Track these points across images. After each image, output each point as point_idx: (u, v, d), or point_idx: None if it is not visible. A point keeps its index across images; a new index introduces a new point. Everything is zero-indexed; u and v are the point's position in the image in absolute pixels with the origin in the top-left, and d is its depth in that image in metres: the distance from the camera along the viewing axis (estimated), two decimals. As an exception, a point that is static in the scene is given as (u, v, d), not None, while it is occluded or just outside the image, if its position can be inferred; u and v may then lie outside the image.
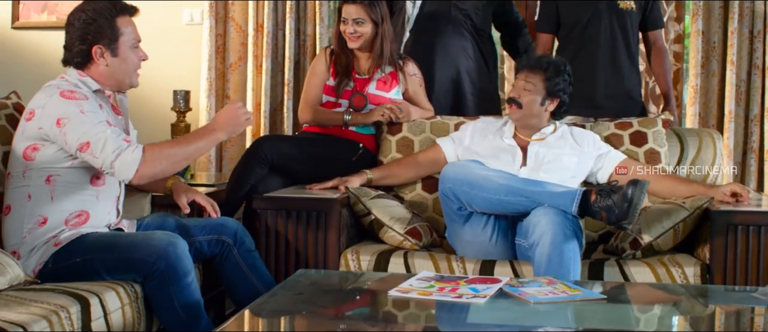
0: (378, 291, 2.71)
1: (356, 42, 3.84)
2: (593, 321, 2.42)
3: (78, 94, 2.84)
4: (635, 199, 2.97)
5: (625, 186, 3.00)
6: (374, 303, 2.63)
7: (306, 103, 3.93)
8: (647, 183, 3.02)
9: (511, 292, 2.54)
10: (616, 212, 2.99)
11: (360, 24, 3.81)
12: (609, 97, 4.13)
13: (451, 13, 4.26)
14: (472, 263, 3.22)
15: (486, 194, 3.16)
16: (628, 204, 2.97)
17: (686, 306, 2.65)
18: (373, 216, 3.43)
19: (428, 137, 3.82)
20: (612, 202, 2.99)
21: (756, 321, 2.46)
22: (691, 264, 3.15)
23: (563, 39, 4.28)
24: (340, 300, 2.66)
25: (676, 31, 4.96)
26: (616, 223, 3.03)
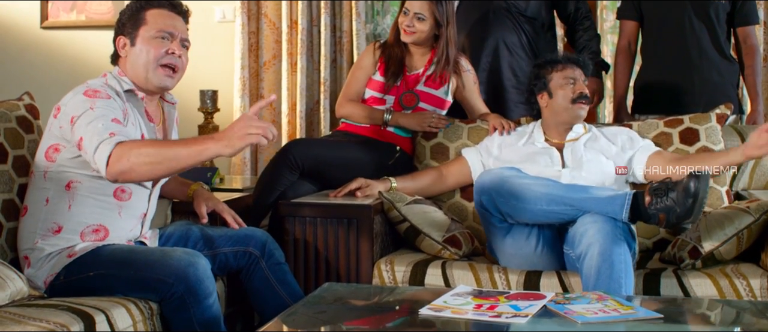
0: (409, 308, 2.46)
1: (410, 36, 3.65)
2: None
3: (101, 93, 2.66)
4: (701, 193, 2.72)
5: (684, 180, 2.75)
6: (403, 323, 2.38)
7: (346, 96, 3.76)
8: (709, 174, 2.78)
9: (557, 310, 2.29)
10: (677, 211, 2.74)
11: (421, 20, 3.63)
12: (699, 94, 3.87)
13: (495, 1, 4.03)
14: (516, 274, 2.98)
15: (526, 204, 2.92)
16: (693, 200, 2.72)
17: (754, 325, 2.37)
18: (409, 222, 3.21)
19: (465, 144, 3.61)
20: (671, 201, 2.74)
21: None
22: (758, 276, 2.87)
23: (646, 28, 4.03)
24: (366, 318, 2.42)
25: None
26: (676, 224, 2.77)
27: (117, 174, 2.51)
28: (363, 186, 3.31)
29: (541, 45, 4.07)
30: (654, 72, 3.95)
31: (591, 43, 4.06)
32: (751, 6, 3.93)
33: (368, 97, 3.71)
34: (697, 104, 3.73)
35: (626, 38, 4.05)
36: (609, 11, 4.79)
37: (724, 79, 3.90)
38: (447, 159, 3.59)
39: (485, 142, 3.50)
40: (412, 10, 3.63)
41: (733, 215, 3.01)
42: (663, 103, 3.83)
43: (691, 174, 2.75)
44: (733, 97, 3.88)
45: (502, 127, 3.50)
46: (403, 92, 3.67)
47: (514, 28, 4.04)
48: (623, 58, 4.06)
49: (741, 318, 2.44)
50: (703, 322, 2.43)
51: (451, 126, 3.64)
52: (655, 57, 3.95)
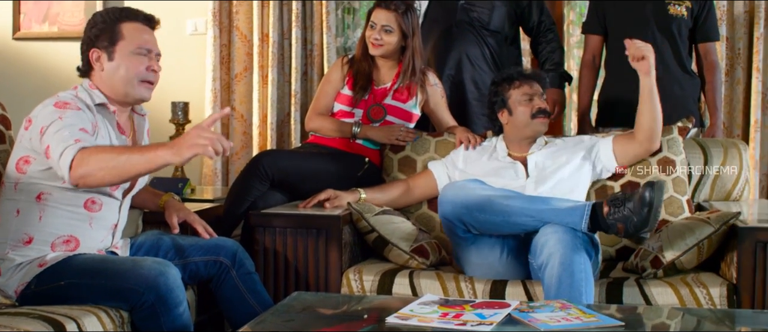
0: (376, 316, 2.50)
1: (378, 49, 3.69)
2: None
3: (71, 105, 2.68)
4: (655, 201, 2.78)
5: (639, 189, 2.82)
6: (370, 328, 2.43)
7: (315, 110, 3.79)
8: (664, 183, 2.86)
9: (521, 318, 2.34)
10: (634, 220, 2.80)
11: (388, 32, 3.67)
12: (661, 108, 3.90)
13: (458, 15, 4.09)
14: (482, 283, 3.03)
15: (490, 216, 2.98)
16: (648, 208, 2.78)
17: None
18: (377, 233, 3.26)
19: (432, 157, 3.65)
20: (628, 211, 2.80)
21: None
22: (717, 285, 2.94)
23: (610, 43, 4.10)
24: (333, 325, 2.46)
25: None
26: (635, 234, 2.83)
27: (78, 178, 2.53)
28: (332, 197, 3.34)
29: (505, 58, 4.13)
30: (617, 85, 4.01)
31: (553, 55, 4.13)
32: (712, 23, 4.01)
33: (337, 111, 3.75)
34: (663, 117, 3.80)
35: (591, 52, 4.12)
36: (575, 26, 4.87)
37: (686, 93, 3.97)
38: (414, 171, 3.62)
39: (451, 156, 3.55)
40: (379, 22, 3.67)
41: (694, 226, 3.08)
42: (626, 116, 3.86)
43: (646, 183, 2.82)
44: (694, 111, 3.96)
45: (468, 140, 3.55)
46: (371, 105, 3.72)
47: (477, 41, 4.10)
48: (587, 71, 4.13)
49: (701, 326, 2.49)
50: (663, 330, 2.49)
51: (419, 139, 3.69)
52: (618, 71, 4.00)
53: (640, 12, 3.93)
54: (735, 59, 4.66)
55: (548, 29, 4.17)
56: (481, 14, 4.09)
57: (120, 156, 2.54)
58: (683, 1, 3.93)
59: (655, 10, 3.92)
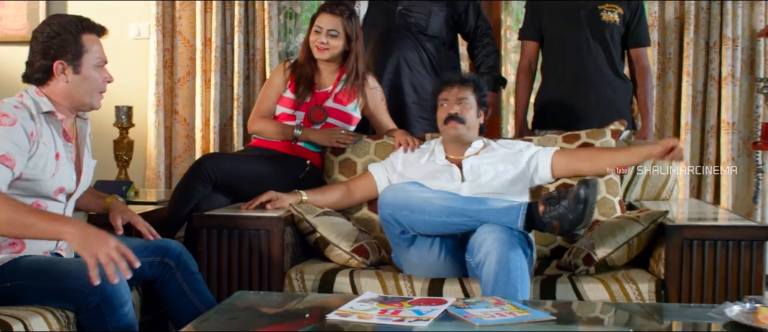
0: (317, 314, 2.57)
1: (324, 53, 3.74)
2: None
3: (9, 118, 2.66)
4: (590, 199, 2.88)
5: (574, 187, 2.91)
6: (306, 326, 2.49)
7: (257, 113, 3.83)
8: (598, 181, 2.96)
9: (457, 314, 2.43)
10: (570, 218, 2.89)
11: (333, 37, 3.72)
12: (595, 111, 4.04)
13: (396, 20, 4.16)
14: (421, 282, 3.11)
15: (427, 217, 3.06)
16: (583, 205, 2.87)
17: (640, 325, 2.54)
18: (319, 233, 3.32)
19: (372, 159, 3.72)
20: (564, 209, 2.90)
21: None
22: (646, 280, 3.06)
23: (545, 48, 4.21)
24: (275, 323, 2.53)
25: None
26: (570, 231, 2.93)
27: None
28: (273, 199, 3.39)
29: (443, 62, 4.20)
30: (553, 89, 4.14)
31: (488, 59, 4.21)
32: (643, 29, 4.15)
33: (279, 114, 3.79)
34: (594, 120, 3.91)
35: (527, 58, 4.23)
36: (512, 31, 4.99)
37: (619, 96, 4.09)
38: (355, 173, 3.69)
39: (390, 158, 3.62)
40: (325, 27, 3.73)
41: (624, 224, 3.19)
42: (562, 119, 4.01)
43: (580, 181, 2.92)
44: (626, 114, 4.08)
45: (407, 143, 3.63)
46: (313, 108, 3.77)
47: (415, 46, 4.16)
48: (524, 76, 4.24)
49: (630, 319, 2.61)
50: (593, 324, 2.60)
51: (359, 142, 3.75)
52: (554, 75, 4.14)
53: (574, 19, 4.04)
54: (666, 63, 4.81)
55: (484, 34, 4.25)
56: (418, 19, 4.16)
57: (26, 218, 2.54)
58: (615, 8, 4.05)
59: (589, 16, 4.04)
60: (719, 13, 4.73)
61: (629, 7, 4.08)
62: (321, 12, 3.78)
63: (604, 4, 4.04)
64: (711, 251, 3.01)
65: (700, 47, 4.78)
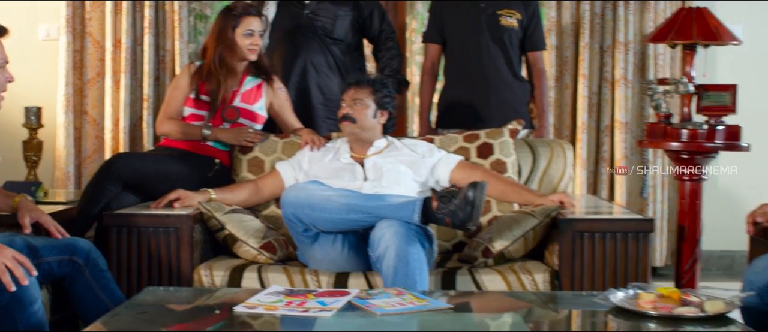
0: (224, 307, 2.67)
1: (256, 54, 3.83)
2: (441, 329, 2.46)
3: None
4: (477, 200, 3.03)
5: (464, 188, 3.06)
6: (217, 319, 2.58)
7: (165, 115, 3.88)
8: (486, 184, 3.10)
9: (360, 305, 2.55)
10: (459, 215, 3.04)
11: (261, 36, 3.85)
12: (494, 111, 4.19)
13: (303, 23, 4.26)
14: (326, 276, 3.22)
15: (328, 214, 3.17)
16: (471, 206, 3.03)
17: (533, 312, 2.70)
18: (227, 230, 3.40)
19: (280, 157, 3.80)
20: (455, 207, 3.05)
21: (597, 325, 2.53)
22: (541, 271, 3.23)
23: (448, 51, 4.34)
24: (184, 317, 2.61)
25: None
26: (461, 226, 3.08)
27: None
28: (182, 197, 3.44)
29: (348, 64, 4.31)
30: (455, 90, 4.29)
31: (392, 61, 4.33)
32: (539, 34, 4.33)
33: (187, 115, 3.84)
34: (493, 120, 4.06)
35: (430, 60, 4.38)
36: (417, 34, 5.13)
37: (517, 97, 4.27)
38: (263, 172, 3.77)
39: (297, 156, 3.71)
40: (256, 29, 3.81)
41: (520, 218, 3.36)
42: (463, 119, 4.16)
43: (470, 184, 3.07)
44: (524, 114, 4.26)
45: (313, 142, 3.74)
46: (226, 107, 3.82)
47: (321, 48, 4.25)
48: (427, 77, 4.39)
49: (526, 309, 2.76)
50: (488, 311, 2.76)
51: (267, 140, 3.84)
52: (456, 77, 4.29)
53: (475, 23, 4.20)
54: (563, 66, 5.03)
55: (389, 38, 4.37)
56: (325, 23, 4.26)
57: None
58: (514, 14, 4.22)
59: (489, 21, 4.20)
60: (612, 19, 4.98)
61: (527, 12, 4.26)
62: (246, 16, 3.82)
63: (503, 9, 4.21)
64: (600, 243, 3.18)
65: (594, 51, 5.01)
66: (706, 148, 3.69)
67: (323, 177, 3.46)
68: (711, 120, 3.69)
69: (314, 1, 4.28)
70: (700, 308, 2.37)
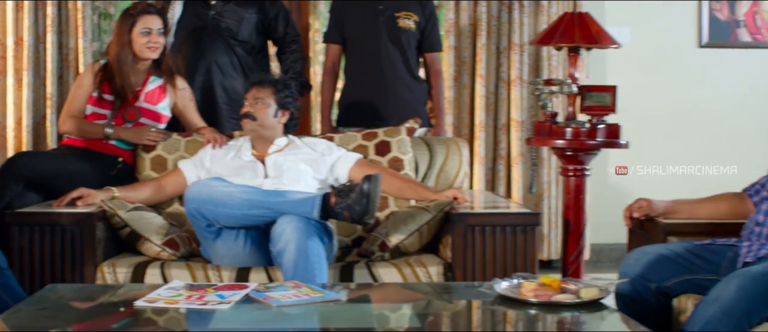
0: (125, 302, 2.74)
1: (156, 52, 3.87)
2: (333, 321, 2.59)
3: None
4: (372, 193, 3.16)
5: (360, 182, 3.19)
6: (119, 314, 2.66)
7: (68, 113, 3.91)
8: (381, 176, 3.23)
9: (257, 297, 2.65)
10: (356, 209, 3.17)
11: (161, 34, 3.87)
12: (393, 110, 4.31)
13: (209, 24, 4.32)
14: (228, 271, 3.31)
15: (230, 210, 3.26)
16: (367, 199, 3.16)
17: (421, 302, 2.84)
18: (130, 228, 3.46)
19: (182, 156, 3.86)
20: (352, 201, 3.17)
21: (481, 312, 2.68)
22: (435, 264, 3.37)
23: (347, 51, 4.45)
24: (85, 314, 2.66)
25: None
26: (359, 220, 3.20)
27: None
28: (84, 196, 3.47)
29: (253, 65, 4.38)
30: (355, 90, 4.42)
31: (296, 64, 4.43)
32: (436, 36, 4.47)
33: (90, 113, 3.88)
34: (392, 119, 4.19)
35: (331, 60, 4.49)
36: (320, 34, 5.23)
37: (415, 97, 4.41)
38: (166, 170, 3.82)
39: (200, 154, 3.78)
40: (155, 27, 3.86)
41: (415, 213, 3.50)
42: (363, 118, 4.28)
43: (365, 177, 3.20)
44: (421, 113, 4.41)
45: (215, 140, 3.81)
46: (127, 107, 3.87)
47: (226, 49, 4.33)
48: (328, 77, 4.50)
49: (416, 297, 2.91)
50: (383, 300, 2.88)
51: (169, 139, 3.90)
52: (355, 77, 4.41)
53: (373, 24, 4.33)
54: (461, 66, 5.20)
55: (293, 41, 4.47)
56: (230, 24, 4.33)
57: None
58: (411, 16, 4.36)
59: (387, 23, 4.33)
60: (508, 21, 5.17)
61: (424, 15, 4.40)
62: (144, 15, 3.87)
63: (401, 12, 4.35)
64: (491, 236, 3.34)
65: (491, 52, 5.20)
66: (588, 146, 3.89)
67: (225, 175, 3.54)
68: (593, 119, 3.89)
69: (220, 3, 4.34)
70: (576, 295, 2.54)
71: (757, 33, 5.61)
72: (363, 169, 3.67)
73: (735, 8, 5.56)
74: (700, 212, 3.21)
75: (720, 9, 5.56)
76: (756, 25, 5.60)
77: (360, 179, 3.30)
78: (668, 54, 5.58)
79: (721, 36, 5.60)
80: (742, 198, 3.13)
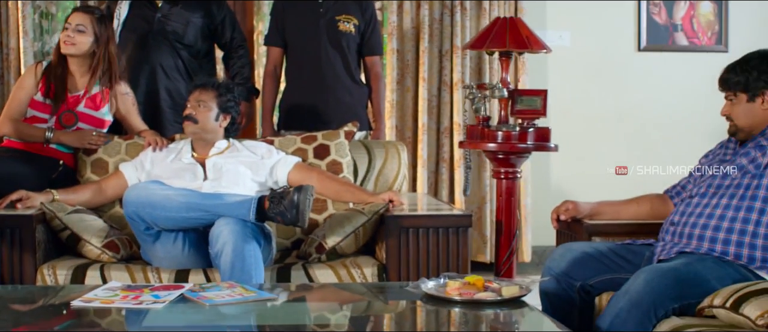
0: (62, 302, 2.79)
1: (70, 48, 3.87)
2: (265, 319, 2.68)
3: None
4: (302, 204, 3.24)
5: (291, 191, 3.26)
6: (54, 314, 2.71)
7: (7, 116, 3.92)
8: (312, 188, 3.31)
9: (192, 297, 2.71)
10: (288, 216, 3.24)
11: (80, 32, 3.87)
12: (334, 113, 4.37)
13: (155, 27, 4.37)
14: (168, 273, 3.36)
15: (168, 213, 3.32)
16: (296, 209, 3.23)
17: (351, 301, 2.94)
18: (70, 230, 3.49)
19: (123, 158, 3.90)
20: (284, 208, 3.24)
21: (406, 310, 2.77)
22: (370, 265, 3.45)
23: (288, 54, 4.50)
24: (20, 314, 2.71)
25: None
26: (291, 225, 3.29)
27: None
28: (24, 198, 3.50)
29: (197, 69, 4.43)
30: (296, 93, 4.47)
31: (243, 70, 4.51)
32: (376, 39, 4.54)
33: (30, 116, 3.89)
34: (333, 122, 4.27)
35: (272, 63, 4.54)
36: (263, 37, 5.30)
37: (355, 100, 4.48)
38: (107, 172, 3.87)
39: (140, 157, 3.83)
40: (73, 22, 3.88)
41: (351, 216, 3.57)
42: (304, 121, 4.34)
43: (296, 188, 3.28)
44: (362, 116, 4.48)
45: (156, 143, 3.86)
46: (63, 112, 3.90)
47: (171, 53, 4.38)
48: (270, 80, 4.55)
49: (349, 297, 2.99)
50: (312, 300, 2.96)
51: (110, 142, 3.94)
52: (296, 80, 4.47)
53: (314, 28, 4.39)
54: (405, 69, 5.29)
55: (239, 46, 4.53)
56: (176, 28, 4.38)
57: None
58: (351, 20, 4.43)
59: (327, 26, 4.40)
60: (450, 24, 5.26)
61: (364, 18, 4.47)
62: (73, 11, 3.96)
63: (341, 15, 4.42)
64: (424, 237, 3.42)
65: (434, 55, 5.29)
66: (518, 149, 3.99)
67: (165, 177, 3.59)
68: (524, 123, 3.99)
69: (166, 5, 4.39)
70: (498, 293, 2.63)
71: (694, 37, 5.76)
72: (302, 173, 3.74)
73: (672, 12, 5.70)
74: (623, 213, 3.32)
75: (658, 12, 5.70)
76: (693, 29, 5.75)
77: (298, 183, 3.37)
78: (608, 57, 5.71)
79: (659, 39, 5.75)
80: (663, 199, 3.25)
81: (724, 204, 2.87)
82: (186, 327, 2.53)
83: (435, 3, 5.27)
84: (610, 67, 5.73)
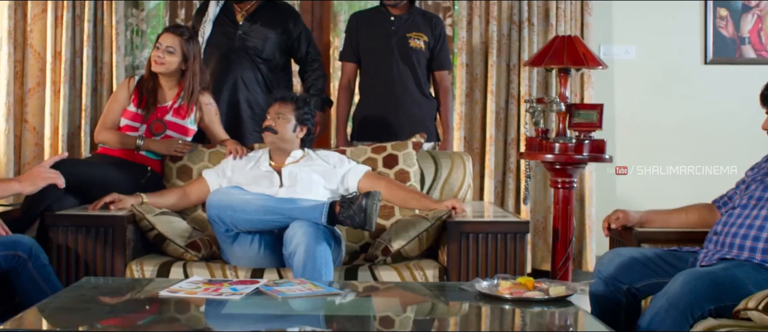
0: (150, 294, 3.07)
1: (160, 67, 4.17)
2: (332, 311, 2.91)
3: None
4: (369, 209, 3.48)
5: (360, 197, 3.50)
6: (145, 301, 3.00)
7: (103, 125, 4.23)
8: (379, 194, 3.54)
9: (266, 290, 2.97)
10: (357, 220, 3.49)
11: (170, 53, 4.16)
12: (404, 125, 4.59)
13: (236, 43, 4.65)
14: (244, 271, 3.62)
15: (247, 215, 3.59)
16: (364, 213, 3.47)
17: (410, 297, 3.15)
18: (157, 230, 3.77)
19: (206, 165, 4.18)
20: (353, 212, 3.48)
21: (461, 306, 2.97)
22: (432, 267, 3.66)
23: (362, 70, 4.75)
24: (116, 304, 2.99)
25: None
26: (360, 229, 3.53)
27: None
28: (116, 200, 3.80)
29: (276, 82, 4.71)
30: (368, 106, 4.72)
31: (317, 82, 4.76)
32: (445, 55, 4.76)
33: (123, 125, 4.21)
34: (402, 133, 4.48)
35: (346, 77, 4.78)
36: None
37: (424, 113, 4.70)
38: (191, 178, 4.16)
39: (222, 164, 4.10)
40: (163, 44, 4.18)
41: (416, 221, 3.80)
42: (376, 132, 4.58)
43: (365, 194, 3.52)
44: (430, 128, 4.68)
45: (237, 151, 4.13)
46: (153, 121, 4.20)
47: (251, 67, 4.67)
48: (344, 94, 4.79)
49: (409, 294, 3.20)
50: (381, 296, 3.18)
51: (195, 150, 4.24)
52: (369, 94, 4.72)
53: (386, 44, 4.63)
54: (473, 83, 5.45)
55: (314, 60, 4.79)
56: (256, 44, 4.66)
57: None
58: (422, 37, 4.65)
59: (399, 43, 4.63)
60: (518, 40, 5.41)
61: (433, 35, 4.69)
62: (164, 31, 4.25)
63: (412, 32, 4.65)
64: (483, 242, 3.62)
65: (502, 69, 5.43)
66: (574, 160, 4.18)
67: (244, 184, 3.86)
68: (580, 135, 4.16)
69: (247, 23, 4.68)
70: (546, 292, 2.83)
71: (762, 49, 5.77)
72: (371, 181, 3.98)
73: (740, 25, 5.74)
74: (671, 221, 3.49)
75: (724, 26, 5.73)
76: (761, 42, 5.77)
77: (366, 191, 3.61)
78: (674, 70, 5.75)
79: (726, 52, 5.77)
80: (711, 209, 3.40)
81: (763, 216, 3.01)
82: (261, 316, 2.79)
83: (503, 20, 5.43)
84: (677, 80, 5.74)
